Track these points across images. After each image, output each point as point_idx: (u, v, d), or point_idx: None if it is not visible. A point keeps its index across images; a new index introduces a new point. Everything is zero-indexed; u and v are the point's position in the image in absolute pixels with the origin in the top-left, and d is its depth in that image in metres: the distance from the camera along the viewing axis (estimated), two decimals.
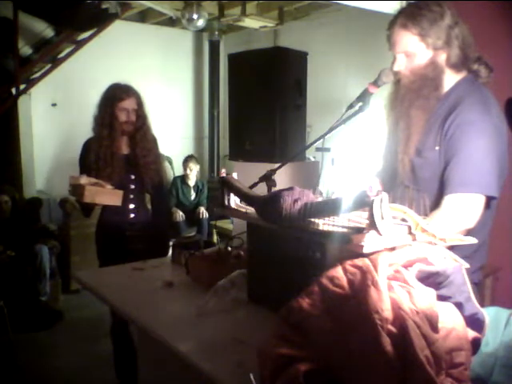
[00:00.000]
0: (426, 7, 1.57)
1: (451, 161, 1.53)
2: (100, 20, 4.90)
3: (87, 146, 2.65)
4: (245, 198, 1.60)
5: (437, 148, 1.57)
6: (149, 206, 2.79)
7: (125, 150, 2.68)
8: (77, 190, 2.41)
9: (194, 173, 5.59)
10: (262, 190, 1.75)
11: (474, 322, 1.09)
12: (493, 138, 1.51)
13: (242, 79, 3.48)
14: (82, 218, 2.81)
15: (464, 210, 1.49)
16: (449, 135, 1.54)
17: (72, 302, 4.40)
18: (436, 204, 1.54)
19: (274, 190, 1.77)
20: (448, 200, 1.51)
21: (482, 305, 1.14)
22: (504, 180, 1.57)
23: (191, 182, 5.60)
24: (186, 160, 5.65)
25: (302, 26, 5.87)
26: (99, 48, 5.55)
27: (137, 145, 2.66)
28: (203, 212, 5.53)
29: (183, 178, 5.62)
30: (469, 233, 1.44)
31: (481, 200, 1.50)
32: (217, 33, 6.78)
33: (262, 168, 1.98)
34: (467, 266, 1.17)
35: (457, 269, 1.11)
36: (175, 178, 5.70)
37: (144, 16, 6.42)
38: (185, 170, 5.61)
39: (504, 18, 2.17)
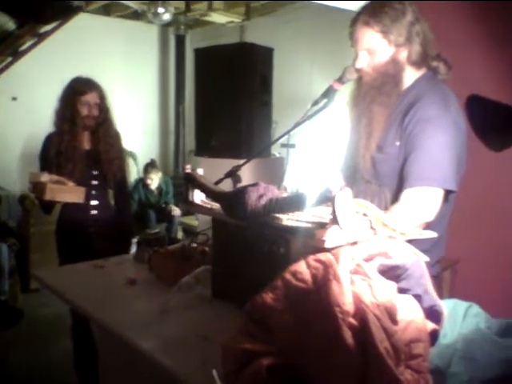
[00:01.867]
0: (388, 4, 1.59)
1: (410, 156, 1.56)
2: (63, 13, 4.78)
3: (48, 141, 2.59)
4: (210, 193, 1.59)
5: (397, 143, 1.60)
6: (112, 202, 2.75)
7: (87, 145, 2.63)
8: (37, 187, 2.35)
9: (155, 181, 5.53)
10: (227, 185, 1.75)
11: (433, 314, 1.11)
12: (451, 133, 1.54)
13: (209, 74, 3.47)
14: (42, 214, 2.74)
15: (423, 203, 1.52)
16: (408, 131, 1.57)
17: (32, 300, 4.29)
18: (397, 198, 1.57)
19: (239, 185, 1.77)
20: (407, 194, 1.54)
21: (441, 297, 1.17)
22: (462, 174, 1.61)
23: (153, 185, 5.54)
24: (146, 169, 5.57)
25: (268, 22, 5.88)
26: (62, 41, 5.42)
27: (99, 140, 2.61)
28: (174, 209, 5.49)
29: (145, 183, 5.54)
30: (427, 226, 1.47)
31: (439, 194, 1.53)
32: (183, 27, 6.72)
33: (228, 164, 1.98)
34: (427, 259, 1.20)
35: (416, 262, 1.13)
36: (137, 182, 5.61)
37: (108, 9, 6.31)
38: (145, 178, 5.53)
39: (463, 14, 2.22)
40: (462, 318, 1.14)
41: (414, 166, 1.55)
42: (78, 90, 2.54)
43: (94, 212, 2.63)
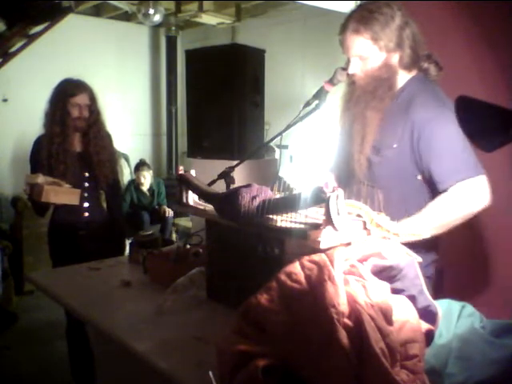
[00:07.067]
0: (377, 10, 1.58)
1: (432, 159, 1.55)
2: (53, 14, 4.76)
3: (38, 143, 2.57)
4: (203, 195, 1.59)
5: (394, 146, 1.60)
6: (104, 205, 2.74)
7: (78, 147, 2.62)
8: (34, 189, 2.33)
9: (147, 179, 5.52)
10: (220, 187, 1.75)
11: (427, 315, 1.12)
12: (456, 124, 1.54)
13: (200, 76, 3.47)
14: (35, 217, 2.73)
15: (471, 194, 1.51)
16: (416, 137, 1.56)
17: (26, 303, 4.27)
18: (391, 200, 1.55)
19: (232, 187, 1.77)
20: (452, 191, 1.52)
21: (435, 298, 1.18)
22: None
23: (145, 187, 5.52)
24: (138, 168, 5.55)
25: (259, 24, 5.89)
26: (52, 42, 5.40)
27: (90, 142, 2.60)
28: (168, 211, 5.48)
29: (137, 184, 5.53)
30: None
31: (484, 180, 1.52)
32: (174, 28, 6.71)
33: (221, 165, 1.98)
34: (420, 259, 1.21)
35: (410, 263, 1.14)
36: (129, 184, 5.59)
37: (99, 10, 6.28)
38: (138, 178, 5.51)
39: (453, 15, 2.23)
40: (456, 318, 1.15)
41: (442, 165, 1.54)
42: (69, 91, 2.53)
43: (86, 214, 2.62)
